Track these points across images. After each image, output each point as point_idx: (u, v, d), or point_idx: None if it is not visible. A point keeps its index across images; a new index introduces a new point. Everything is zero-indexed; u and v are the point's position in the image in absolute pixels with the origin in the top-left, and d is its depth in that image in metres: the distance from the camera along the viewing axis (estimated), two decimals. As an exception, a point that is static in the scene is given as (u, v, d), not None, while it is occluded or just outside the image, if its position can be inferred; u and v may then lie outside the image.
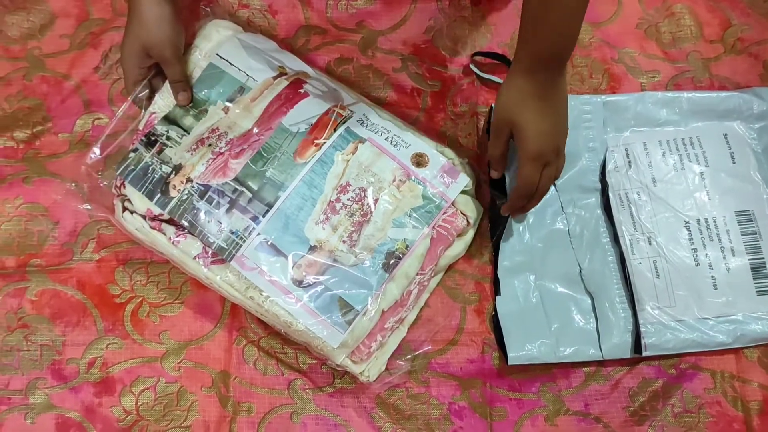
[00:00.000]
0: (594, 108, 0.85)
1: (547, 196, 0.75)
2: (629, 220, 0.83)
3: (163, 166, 0.75)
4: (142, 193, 0.75)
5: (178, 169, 0.75)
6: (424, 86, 0.88)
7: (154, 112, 0.78)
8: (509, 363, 0.78)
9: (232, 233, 0.73)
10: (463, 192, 0.78)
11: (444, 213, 0.76)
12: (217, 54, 0.79)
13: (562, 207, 0.83)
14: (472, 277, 0.82)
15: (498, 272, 0.81)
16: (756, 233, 0.82)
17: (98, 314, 0.79)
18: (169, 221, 0.75)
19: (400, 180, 0.76)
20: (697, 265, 0.82)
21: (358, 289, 0.72)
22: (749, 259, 0.81)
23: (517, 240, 0.82)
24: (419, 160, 0.77)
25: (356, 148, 0.76)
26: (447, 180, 0.77)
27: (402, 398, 0.78)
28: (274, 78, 0.78)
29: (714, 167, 0.84)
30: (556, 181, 0.83)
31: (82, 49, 0.88)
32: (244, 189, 0.74)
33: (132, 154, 0.76)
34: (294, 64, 0.81)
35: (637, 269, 0.81)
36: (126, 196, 0.76)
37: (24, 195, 0.83)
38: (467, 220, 0.78)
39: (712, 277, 0.81)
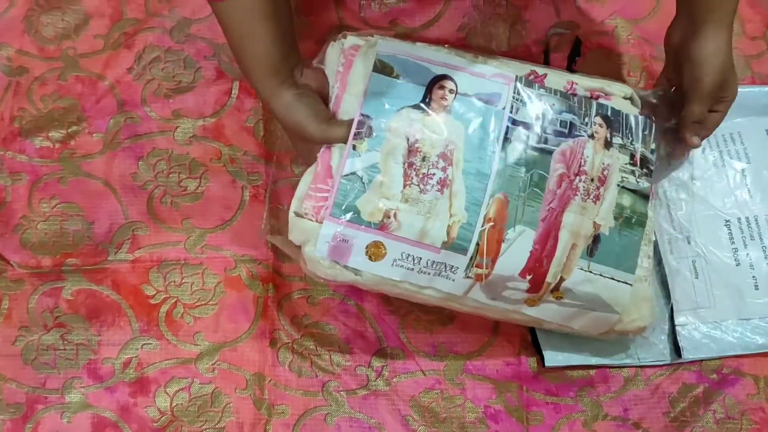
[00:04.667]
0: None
1: None
2: (667, 218, 0.81)
3: None
4: None
5: None
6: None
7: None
8: (545, 365, 0.77)
9: None
10: None
11: None
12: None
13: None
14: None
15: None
16: (799, 233, 0.81)
17: (133, 314, 0.79)
18: None
19: None
20: (738, 264, 0.80)
21: None
22: (792, 260, 0.80)
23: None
24: None
25: None
26: None
27: (437, 400, 0.78)
28: None
29: (755, 164, 0.83)
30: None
31: (116, 50, 0.88)
32: None
33: None
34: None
35: (675, 269, 0.79)
36: None
37: (60, 195, 0.83)
38: None
39: (753, 277, 0.80)
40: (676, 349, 0.77)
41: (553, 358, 0.77)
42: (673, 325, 0.78)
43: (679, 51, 0.73)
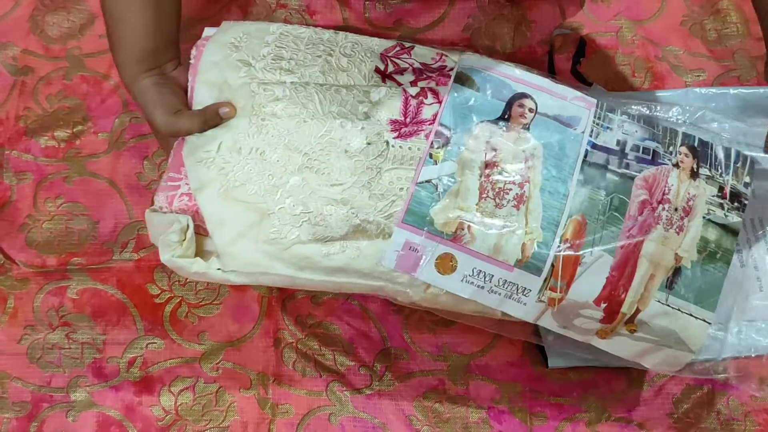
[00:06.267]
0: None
1: None
2: (671, 219, 0.81)
3: None
4: None
5: None
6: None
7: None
8: (549, 366, 0.77)
9: None
10: None
11: None
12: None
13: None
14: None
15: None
16: (804, 234, 0.80)
17: (138, 314, 0.80)
18: None
19: None
20: (743, 266, 0.80)
21: None
22: (797, 261, 0.79)
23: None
24: None
25: None
26: None
27: (440, 401, 0.78)
28: None
29: (759, 165, 0.82)
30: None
31: (121, 49, 0.88)
32: None
33: None
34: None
35: (679, 271, 0.79)
36: None
37: (65, 194, 0.83)
38: None
39: (758, 278, 0.79)
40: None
41: (556, 359, 0.77)
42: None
43: None
